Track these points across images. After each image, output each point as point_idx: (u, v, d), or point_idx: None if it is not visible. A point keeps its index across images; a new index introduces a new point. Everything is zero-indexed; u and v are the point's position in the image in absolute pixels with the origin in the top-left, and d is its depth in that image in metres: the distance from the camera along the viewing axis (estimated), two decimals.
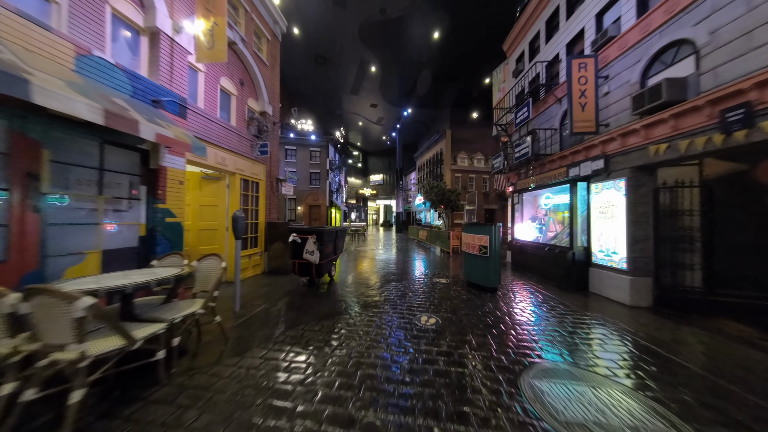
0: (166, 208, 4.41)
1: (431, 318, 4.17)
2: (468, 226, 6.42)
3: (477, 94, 26.53)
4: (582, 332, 3.77)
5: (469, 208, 19.58)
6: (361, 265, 8.74)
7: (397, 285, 6.22)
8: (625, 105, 5.16)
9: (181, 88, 4.75)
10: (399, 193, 32.62)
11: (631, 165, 4.97)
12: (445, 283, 6.49)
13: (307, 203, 20.90)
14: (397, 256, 10.98)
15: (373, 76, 24.68)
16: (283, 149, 20.76)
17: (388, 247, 14.48)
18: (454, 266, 8.84)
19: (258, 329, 3.71)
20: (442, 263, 9.39)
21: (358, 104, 30.73)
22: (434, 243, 14.41)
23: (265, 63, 7.92)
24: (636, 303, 4.86)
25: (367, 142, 46.70)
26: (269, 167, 8.02)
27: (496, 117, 11.18)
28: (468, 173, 24.97)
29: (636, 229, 4.94)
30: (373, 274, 7.37)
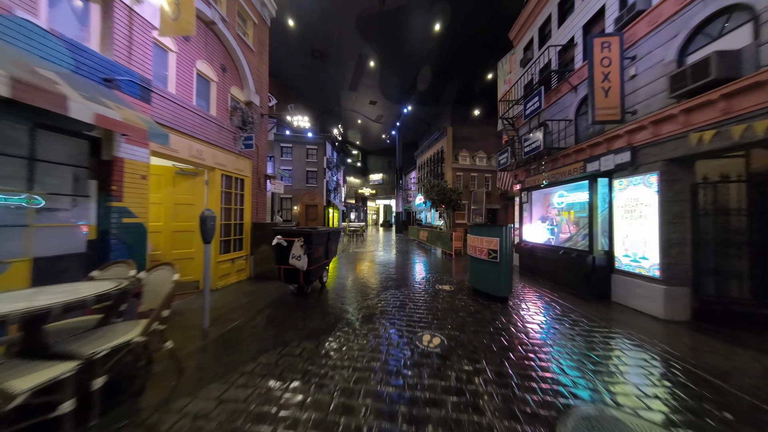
0: (123, 207, 3.77)
1: (435, 337, 3.53)
2: (474, 228, 5.77)
3: (479, 91, 25.88)
4: (617, 357, 3.12)
5: (474, 207, 18.93)
6: (357, 269, 8.10)
7: (395, 293, 5.57)
8: (658, 88, 4.51)
9: (144, 68, 4.11)
10: (399, 193, 31.98)
11: (665, 157, 4.32)
12: (448, 291, 5.84)
13: (304, 203, 20.25)
14: (397, 259, 10.35)
15: (372, 71, 24.00)
16: (278, 147, 20.11)
17: (387, 249, 13.84)
18: (457, 270, 8.19)
19: (225, 354, 3.06)
20: (445, 267, 8.74)
21: (356, 101, 30.03)
22: (435, 244, 13.77)
23: (251, 48, 7.27)
24: (671, 316, 4.21)
25: (367, 140, 46.02)
26: (256, 163, 7.37)
27: (501, 110, 10.53)
28: (470, 172, 24.32)
29: (671, 231, 4.30)
30: (370, 280, 6.73)
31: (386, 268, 8.29)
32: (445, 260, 10.17)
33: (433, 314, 4.37)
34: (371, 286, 6.21)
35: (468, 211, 24.08)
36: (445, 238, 12.07)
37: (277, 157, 20.04)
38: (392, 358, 2.99)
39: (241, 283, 6.32)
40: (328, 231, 6.01)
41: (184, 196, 5.56)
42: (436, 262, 9.61)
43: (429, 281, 6.67)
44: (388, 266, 8.69)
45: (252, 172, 7.22)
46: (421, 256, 11.16)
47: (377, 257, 10.82)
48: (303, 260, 4.94)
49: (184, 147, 4.95)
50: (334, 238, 6.45)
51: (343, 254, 11.68)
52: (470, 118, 27.32)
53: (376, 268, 8.40)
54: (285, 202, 20.32)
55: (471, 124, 26.82)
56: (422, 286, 6.15)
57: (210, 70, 5.88)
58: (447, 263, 9.47)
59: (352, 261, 9.79)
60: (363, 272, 7.69)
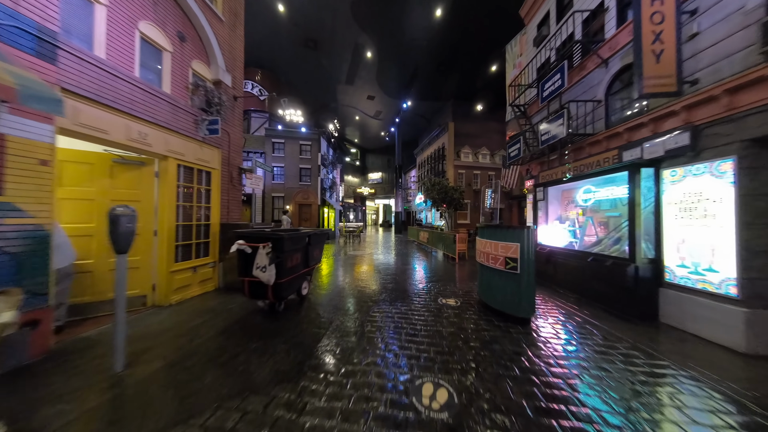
0: (5, 203, 2.72)
1: (440, 388, 2.48)
2: (486, 230, 4.72)
3: (482, 85, 24.84)
4: (721, 426, 2.06)
5: (487, 206, 17.87)
6: (348, 276, 7.05)
7: (389, 310, 4.53)
8: (735, 45, 3.46)
9: (45, 15, 3.05)
10: (398, 192, 30.97)
11: (746, 137, 3.27)
12: (454, 306, 4.79)
13: (297, 202, 19.19)
14: (394, 263, 9.30)
15: (369, 63, 22.91)
16: (270, 142, 19.05)
17: (384, 251, 12.80)
18: (461, 277, 7.14)
19: (117, 426, 2.00)
20: (448, 273, 7.69)
21: (354, 96, 28.96)
22: (436, 246, 12.73)
23: (220, 18, 6.22)
24: (755, 350, 3.16)
25: (365, 138, 44.99)
26: (227, 153, 6.33)
27: (511, 97, 9.48)
28: (472, 169, 23.27)
29: (754, 235, 3.25)
30: (361, 290, 5.68)
31: (382, 275, 7.24)
32: (447, 265, 9.12)
33: (436, 345, 3.31)
34: (361, 299, 5.16)
35: (471, 210, 23.03)
36: (447, 241, 11.03)
37: (269, 154, 18.98)
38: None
39: (205, 296, 5.27)
40: (307, 234, 4.97)
41: (126, 191, 4.50)
42: (437, 268, 8.56)
43: (430, 293, 5.62)
44: (384, 272, 7.64)
45: (221, 163, 6.16)
46: (420, 260, 10.11)
47: (373, 261, 9.78)
48: (269, 272, 3.89)
49: (117, 127, 3.90)
50: (316, 242, 5.39)
51: (337, 257, 10.63)
52: (472, 113, 26.29)
53: (369, 274, 7.36)
54: (276, 201, 19.28)
55: (473, 120, 25.78)
56: (422, 300, 5.10)
57: (161, 37, 4.82)
58: (450, 269, 8.42)
59: (344, 265, 8.75)
60: (354, 280, 6.63)
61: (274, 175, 18.99)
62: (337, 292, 5.72)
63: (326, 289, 5.88)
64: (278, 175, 19.23)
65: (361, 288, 6.00)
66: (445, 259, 10.38)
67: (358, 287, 6.06)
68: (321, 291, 5.75)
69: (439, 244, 12.21)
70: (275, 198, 19.11)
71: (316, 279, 6.75)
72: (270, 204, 18.89)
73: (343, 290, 5.83)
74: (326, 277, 7.11)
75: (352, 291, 5.76)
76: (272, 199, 18.98)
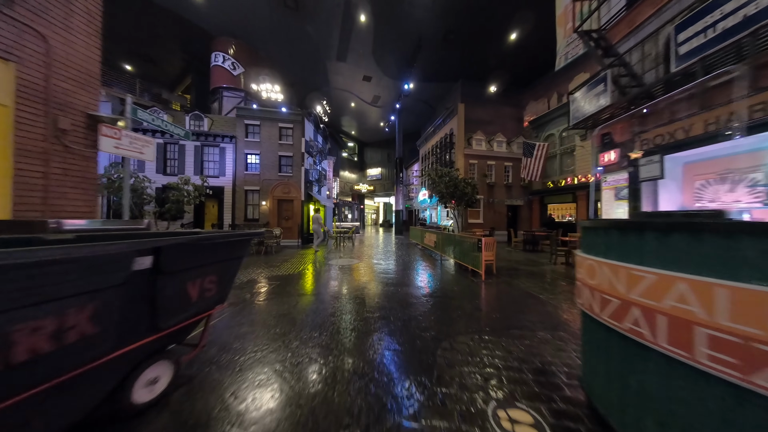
0: None
1: None
2: (626, 235, 1.61)
3: (496, 61, 21.70)
4: None
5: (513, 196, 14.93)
6: (310, 310, 4.00)
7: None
8: None
9: None
10: (399, 188, 27.98)
11: None
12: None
13: (275, 197, 16.14)
14: (391, 281, 6.23)
15: (363, 31, 19.72)
16: (242, 124, 16.01)
17: (379, 259, 9.72)
18: (510, 318, 4.05)
19: None
20: (481, 309, 4.60)
21: (348, 77, 25.85)
22: (447, 253, 9.65)
23: None
24: None
25: (363, 130, 41.93)
26: (44, 75, 3.26)
27: (565, 32, 6.34)
28: (486, 159, 20.16)
29: None
30: (319, 356, 2.62)
31: (366, 314, 4.17)
32: (470, 286, 6.03)
33: None
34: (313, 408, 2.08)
35: (484, 207, 19.87)
36: (465, 246, 7.92)
37: (241, 138, 15.94)
38: None
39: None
40: (160, 242, 1.87)
41: None
42: (459, 295, 5.47)
43: (465, 381, 2.53)
44: (370, 306, 4.57)
45: (24, 96, 3.10)
46: (426, 271, 7.04)
47: (358, 280, 6.71)
48: None
49: None
50: (197, 262, 2.30)
51: (316, 270, 7.56)
52: (484, 96, 23.15)
53: (344, 310, 4.30)
54: (251, 196, 16.23)
55: (485, 104, 22.65)
56: (453, 417, 2.01)
57: None
58: (478, 295, 5.34)
59: (318, 286, 5.69)
60: (313, 333, 3.57)
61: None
62: (279, 353, 2.63)
63: (261, 346, 2.80)
64: (253, 164, 16.19)
65: (324, 345, 2.90)
66: (462, 274, 7.28)
67: (320, 344, 2.97)
68: (251, 348, 2.66)
69: (453, 250, 9.12)
70: (249, 192, 16.07)
71: (236, 319, 3.68)
72: (242, 199, 15.85)
73: (291, 350, 2.74)
74: (284, 303, 4.04)
75: (305, 355, 2.66)
76: (245, 194, 15.94)
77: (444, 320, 3.98)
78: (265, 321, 3.91)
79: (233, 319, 3.94)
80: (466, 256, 7.89)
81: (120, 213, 13.35)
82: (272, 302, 4.82)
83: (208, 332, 2.69)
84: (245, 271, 7.57)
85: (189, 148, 15.36)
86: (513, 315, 4.19)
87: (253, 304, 4.70)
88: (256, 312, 4.30)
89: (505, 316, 4.13)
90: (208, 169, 15.68)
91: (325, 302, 4.86)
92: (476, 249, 7.11)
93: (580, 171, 15.63)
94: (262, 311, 4.34)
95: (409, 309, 4.48)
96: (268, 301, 4.91)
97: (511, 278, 6.89)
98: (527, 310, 4.47)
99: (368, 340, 3.31)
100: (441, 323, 3.87)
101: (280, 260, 9.70)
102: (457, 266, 8.64)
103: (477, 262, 7.13)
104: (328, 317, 4.09)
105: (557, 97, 19.14)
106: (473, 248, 7.46)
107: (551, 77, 21.49)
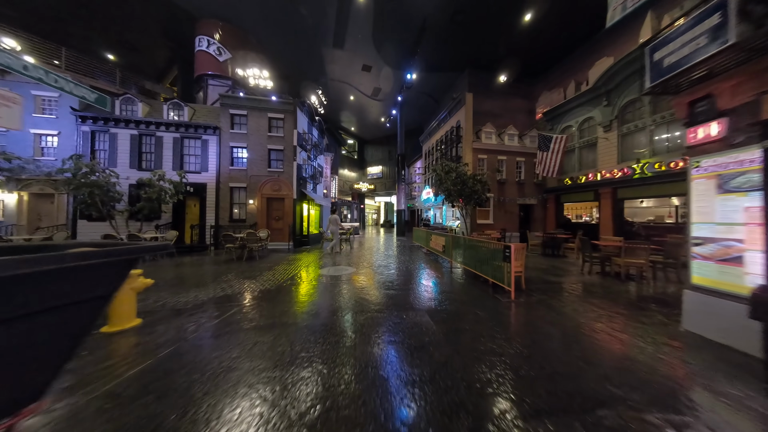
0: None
1: None
2: None
3: (507, 47, 20.19)
4: None
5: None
6: (272, 357, 2.62)
7: None
8: None
9: None
10: (401, 187, 26.58)
11: None
12: None
13: (264, 195, 14.72)
14: (392, 303, 4.80)
15: (362, 10, 18.25)
16: (227, 114, 14.58)
17: (379, 268, 8.29)
18: (575, 379, 2.61)
19: None
20: (516, 351, 3.17)
21: (346, 66, 24.35)
22: (456, 258, 8.19)
23: None
24: None
25: (362, 126, 40.45)
26: None
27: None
28: (496, 154, 18.67)
29: None
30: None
31: (351, 377, 2.76)
32: (495, 308, 4.59)
33: None
34: None
35: (494, 207, 18.41)
36: (484, 253, 6.44)
37: (225, 130, 14.52)
38: None
39: None
40: None
41: None
42: (482, 325, 4.03)
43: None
44: (358, 357, 3.17)
45: None
46: (438, 291, 5.58)
47: (350, 300, 5.29)
48: None
49: None
50: (39, 301, 0.88)
51: (298, 282, 6.13)
52: (494, 86, 21.66)
53: (320, 357, 2.89)
54: (236, 194, 14.83)
55: (493, 96, 21.18)
56: None
57: None
58: (507, 326, 3.90)
59: (285, 313, 4.26)
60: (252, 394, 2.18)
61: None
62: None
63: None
64: (239, 159, 14.77)
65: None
66: (482, 289, 5.82)
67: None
68: None
69: (466, 257, 7.65)
70: (234, 190, 14.65)
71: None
72: (227, 198, 14.43)
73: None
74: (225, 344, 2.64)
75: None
76: (230, 192, 14.52)
77: (474, 382, 2.54)
78: (198, 385, 2.49)
79: (150, 376, 2.52)
80: (485, 266, 6.44)
81: (87, 214, 11.98)
82: (223, 341, 3.40)
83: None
84: (210, 285, 6.14)
85: (167, 140, 13.93)
86: (583, 372, 2.74)
87: (188, 351, 3.27)
88: (190, 365, 2.88)
89: (571, 375, 2.69)
90: (188, 164, 14.25)
91: (298, 341, 3.44)
92: (501, 258, 5.65)
93: (603, 166, 14.14)
94: (198, 364, 2.92)
95: (418, 357, 3.05)
96: (218, 338, 3.49)
97: (548, 296, 5.44)
98: (602, 359, 3.03)
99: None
100: (470, 390, 2.42)
101: (262, 268, 8.28)
102: (471, 276, 7.19)
103: (502, 274, 5.68)
104: (297, 375, 2.67)
105: (575, 85, 17.67)
106: (494, 256, 6.01)
107: (567, 65, 20.02)
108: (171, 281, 6.55)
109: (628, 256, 6.88)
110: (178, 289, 5.74)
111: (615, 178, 13.13)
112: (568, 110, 16.78)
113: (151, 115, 14.35)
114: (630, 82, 12.91)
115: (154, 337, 3.43)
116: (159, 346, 3.21)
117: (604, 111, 14.27)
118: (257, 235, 10.22)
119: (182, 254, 11.43)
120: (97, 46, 23.40)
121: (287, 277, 7.04)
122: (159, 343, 3.29)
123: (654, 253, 7.21)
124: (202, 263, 9.28)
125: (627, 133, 13.20)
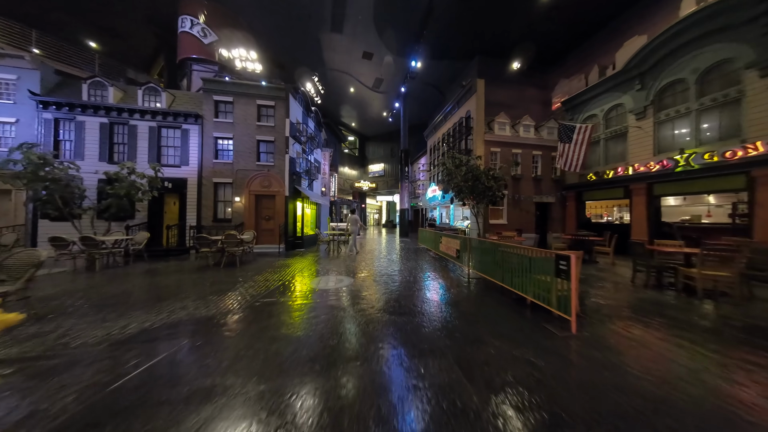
0: None
1: None
2: None
3: (521, 30, 18.64)
4: None
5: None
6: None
7: None
8: None
9: None
10: (404, 185, 25.16)
11: None
12: None
13: (252, 191, 13.27)
14: (398, 336, 3.33)
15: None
16: (210, 101, 13.13)
17: (381, 277, 6.79)
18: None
19: None
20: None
21: (345, 53, 22.80)
22: (474, 266, 6.64)
23: None
24: None
25: (364, 121, 38.94)
26: None
27: None
28: (510, 147, 17.12)
29: None
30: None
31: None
32: (555, 353, 3.09)
33: None
34: None
35: (508, 206, 16.87)
36: (516, 262, 4.91)
37: (209, 118, 13.07)
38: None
39: None
40: None
41: None
42: (550, 393, 2.52)
43: None
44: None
45: None
46: (459, 319, 4.06)
47: (343, 329, 3.80)
48: None
49: None
50: None
51: (282, 298, 4.64)
52: (505, 75, 20.13)
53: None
54: (221, 190, 13.37)
55: (505, 85, 19.68)
56: None
57: None
58: (577, 380, 2.38)
59: (252, 353, 2.79)
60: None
61: (217, 151, 12.99)
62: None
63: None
64: (224, 151, 13.31)
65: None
66: (519, 313, 4.30)
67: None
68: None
69: (491, 266, 6.07)
70: (219, 186, 13.19)
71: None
72: (211, 194, 12.98)
73: None
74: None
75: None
76: (214, 188, 13.07)
77: None
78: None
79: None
80: (517, 278, 4.92)
81: (47, 213, 10.55)
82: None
83: None
84: (152, 308, 4.65)
85: (142, 129, 12.46)
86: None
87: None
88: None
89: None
90: (167, 156, 12.78)
91: (258, 402, 1.96)
92: (552, 271, 4.14)
93: (636, 159, 12.58)
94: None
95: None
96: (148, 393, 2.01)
97: (620, 327, 3.92)
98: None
99: None
100: None
101: (238, 279, 6.81)
102: (496, 290, 5.68)
103: (549, 293, 4.17)
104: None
105: (598, 70, 16.07)
106: (533, 266, 4.50)
107: (588, 49, 18.45)
108: (98, 301, 5.07)
109: (707, 267, 5.33)
110: (93, 317, 4.26)
111: (651, 171, 11.57)
112: (591, 98, 15.21)
113: (125, 102, 12.90)
114: (670, 62, 11.34)
115: None
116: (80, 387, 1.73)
117: (637, 96, 12.70)
118: (238, 237, 8.75)
119: (156, 258, 9.99)
120: (77, 33, 22.03)
121: (262, 292, 5.55)
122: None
123: (707, 259, 5.51)
124: (167, 271, 7.82)
125: (665, 119, 11.62)
